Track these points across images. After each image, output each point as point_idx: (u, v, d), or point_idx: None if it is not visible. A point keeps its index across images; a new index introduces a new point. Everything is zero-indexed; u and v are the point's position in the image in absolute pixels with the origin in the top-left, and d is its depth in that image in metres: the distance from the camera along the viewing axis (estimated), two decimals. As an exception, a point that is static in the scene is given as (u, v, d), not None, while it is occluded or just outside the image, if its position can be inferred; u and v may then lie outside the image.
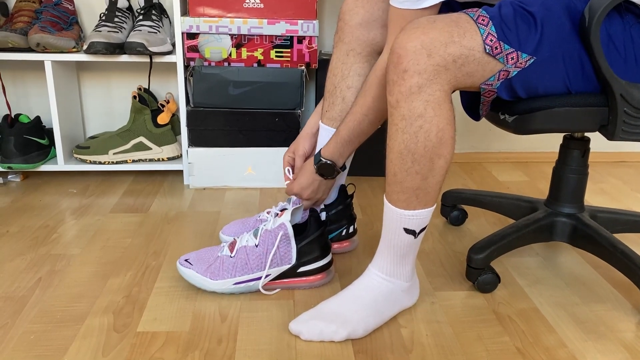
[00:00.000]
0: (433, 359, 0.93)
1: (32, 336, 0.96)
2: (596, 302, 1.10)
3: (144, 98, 1.66)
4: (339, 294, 1.02)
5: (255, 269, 1.08)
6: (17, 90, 1.79)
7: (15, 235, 1.34)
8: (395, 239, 0.98)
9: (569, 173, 1.18)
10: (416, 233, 0.97)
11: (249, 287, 1.09)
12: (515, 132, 1.03)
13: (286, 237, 1.08)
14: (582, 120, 0.99)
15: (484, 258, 1.11)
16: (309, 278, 1.12)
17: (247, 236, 1.11)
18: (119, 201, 1.55)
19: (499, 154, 1.98)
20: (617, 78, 0.94)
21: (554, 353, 0.95)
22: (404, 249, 0.99)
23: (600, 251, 1.13)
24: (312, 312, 1.00)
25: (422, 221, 0.96)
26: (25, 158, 1.60)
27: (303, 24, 1.57)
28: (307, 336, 0.96)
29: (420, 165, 0.90)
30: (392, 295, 1.01)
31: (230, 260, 1.09)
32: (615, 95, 0.95)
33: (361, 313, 0.98)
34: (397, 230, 0.97)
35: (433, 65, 0.85)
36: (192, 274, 1.09)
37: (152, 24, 1.59)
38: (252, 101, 1.61)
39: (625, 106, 0.96)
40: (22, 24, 1.56)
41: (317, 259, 1.11)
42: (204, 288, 1.09)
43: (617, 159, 2.02)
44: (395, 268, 1.01)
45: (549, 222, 1.20)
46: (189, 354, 0.93)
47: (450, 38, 0.86)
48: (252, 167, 1.65)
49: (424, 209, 0.95)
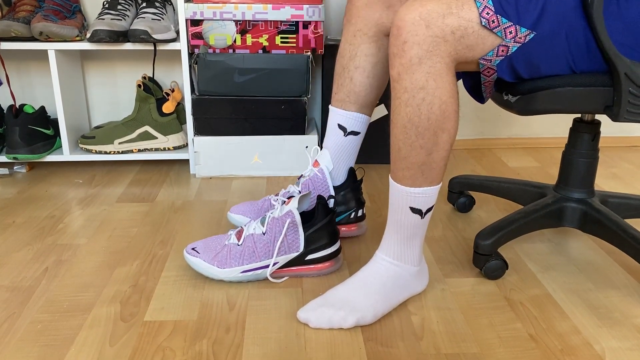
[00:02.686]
0: (444, 346, 0.92)
1: (39, 326, 0.96)
2: (610, 287, 1.08)
3: (148, 87, 1.65)
4: (347, 281, 1.01)
5: (263, 257, 1.07)
6: (21, 81, 1.78)
7: (22, 225, 1.33)
8: (401, 220, 0.97)
9: (579, 157, 1.16)
10: (422, 213, 0.96)
11: (257, 275, 1.08)
12: (519, 113, 1.02)
13: (294, 225, 1.06)
14: (586, 100, 0.97)
15: (491, 244, 1.09)
16: (317, 266, 1.11)
17: (255, 224, 1.09)
18: (125, 191, 1.54)
19: (509, 139, 1.96)
20: (621, 56, 0.92)
21: (568, 339, 0.93)
22: (411, 230, 0.97)
23: (611, 236, 1.11)
24: (320, 300, 0.99)
25: (428, 200, 0.95)
26: (30, 148, 1.59)
27: (308, 9, 1.54)
28: (316, 324, 0.95)
29: (424, 139, 0.89)
30: (401, 280, 1.00)
31: (237, 248, 1.08)
32: (620, 75, 0.93)
33: (370, 299, 0.97)
34: (403, 210, 0.96)
35: (431, 37, 0.85)
36: (199, 262, 1.08)
37: (156, 11, 1.57)
38: (258, 88, 1.59)
39: (630, 86, 0.94)
40: (25, 12, 1.55)
41: (325, 247, 1.10)
42: (211, 276, 1.08)
43: (629, 144, 1.99)
44: (403, 251, 0.99)
45: (559, 208, 1.18)
46: (196, 342, 0.92)
47: (448, 9, 0.86)
48: (258, 156, 1.64)
49: (430, 186, 0.93)
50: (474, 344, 0.92)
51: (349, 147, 1.20)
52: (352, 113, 1.17)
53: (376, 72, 1.13)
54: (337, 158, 1.21)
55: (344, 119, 1.17)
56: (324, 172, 1.21)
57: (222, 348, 0.91)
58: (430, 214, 0.97)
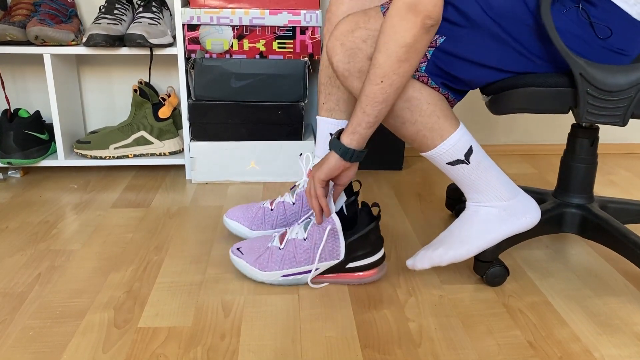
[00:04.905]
0: (442, 353, 0.90)
1: (31, 332, 0.94)
2: (609, 294, 1.08)
3: (144, 92, 1.64)
4: (445, 230, 1.09)
5: (303, 263, 1.06)
6: (16, 85, 1.77)
7: (15, 231, 1.32)
8: (454, 174, 1.02)
9: (578, 162, 1.15)
10: (464, 161, 0.99)
11: (297, 280, 1.08)
12: (493, 113, 1.07)
13: (334, 232, 1.04)
14: (550, 100, 1.00)
15: (492, 251, 1.08)
16: (359, 274, 1.09)
17: (297, 228, 1.09)
18: (120, 196, 1.53)
19: (506, 146, 1.95)
20: (573, 57, 0.93)
21: (567, 347, 0.92)
22: (470, 177, 1.02)
23: (611, 242, 1.10)
24: (424, 247, 1.08)
25: (455, 150, 0.99)
26: (25, 153, 1.58)
27: (306, 14, 1.54)
28: (420, 265, 1.05)
29: (398, 118, 0.99)
30: (490, 216, 1.04)
31: (279, 252, 1.07)
32: (575, 75, 0.94)
33: (463, 236, 1.04)
34: (445, 168, 1.02)
35: (347, 51, 0.96)
36: (243, 263, 1.09)
37: (153, 15, 1.56)
38: (255, 94, 1.58)
39: (588, 87, 0.95)
40: (21, 16, 1.54)
41: (368, 255, 1.08)
42: (253, 278, 1.09)
43: (626, 151, 1.99)
44: (480, 193, 1.03)
45: (558, 213, 1.17)
46: (191, 349, 0.90)
47: (355, 25, 0.96)
48: (255, 161, 1.63)
49: (443, 141, 0.98)
50: (473, 351, 0.91)
51: None
52: (343, 121, 1.17)
53: None
54: None
55: (336, 127, 1.18)
56: None
57: (217, 355, 0.89)
58: (478, 156, 1.00)
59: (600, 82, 0.94)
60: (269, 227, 1.23)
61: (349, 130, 0.96)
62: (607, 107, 0.96)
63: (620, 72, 0.94)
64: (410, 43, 0.87)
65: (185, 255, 1.21)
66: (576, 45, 0.94)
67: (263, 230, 1.23)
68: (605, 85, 0.94)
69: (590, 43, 0.94)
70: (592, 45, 0.95)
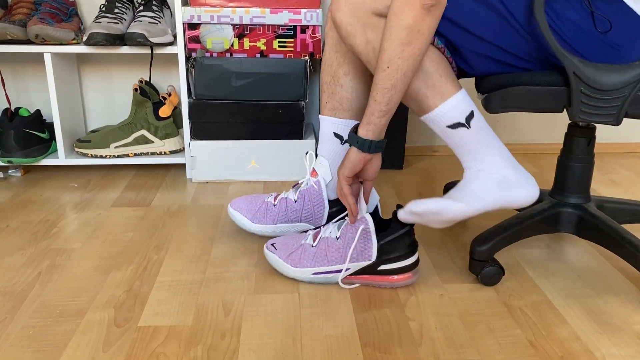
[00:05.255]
0: (443, 352, 0.90)
1: (31, 331, 0.94)
2: (610, 293, 1.07)
3: (145, 91, 1.64)
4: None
5: (334, 262, 1.06)
6: (16, 84, 1.77)
7: (15, 229, 1.31)
8: (453, 140, 1.00)
9: (575, 162, 1.14)
10: (464, 124, 0.98)
11: (328, 279, 1.07)
12: (488, 111, 1.06)
13: (366, 232, 1.04)
14: (543, 99, 0.99)
15: (488, 250, 1.08)
16: (391, 277, 1.07)
17: (331, 227, 1.08)
18: (120, 195, 1.53)
19: (508, 145, 1.94)
20: (567, 55, 0.93)
21: (568, 346, 0.92)
22: (469, 144, 1.00)
23: (608, 242, 1.09)
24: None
25: (456, 112, 0.97)
26: (25, 152, 1.58)
27: (306, 13, 1.54)
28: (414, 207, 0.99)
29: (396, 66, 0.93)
30: (488, 181, 1.01)
31: (311, 249, 1.07)
32: (569, 74, 0.94)
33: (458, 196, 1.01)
34: (445, 132, 1.00)
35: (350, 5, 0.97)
36: (275, 259, 1.09)
37: (153, 14, 1.56)
38: (255, 93, 1.58)
39: (581, 85, 0.95)
40: (21, 15, 1.54)
41: (401, 259, 1.06)
42: (284, 274, 1.09)
43: (627, 150, 1.98)
44: (477, 162, 1.02)
45: (554, 213, 1.16)
46: (191, 348, 0.90)
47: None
48: (255, 160, 1.63)
49: (444, 101, 0.96)
50: (473, 350, 0.91)
51: None
52: (346, 120, 1.16)
53: (366, 77, 1.12)
54: (335, 168, 1.19)
55: (340, 127, 1.17)
56: (321, 184, 1.19)
57: (218, 354, 0.89)
58: (479, 122, 0.99)
59: (593, 81, 0.94)
60: (270, 222, 1.23)
61: (364, 122, 0.97)
62: (601, 106, 0.96)
63: (614, 71, 0.94)
64: (412, 24, 0.87)
65: (185, 254, 1.21)
66: (572, 33, 0.94)
67: (264, 224, 1.23)
68: (599, 84, 0.94)
69: (587, 33, 0.94)
70: (589, 36, 0.94)
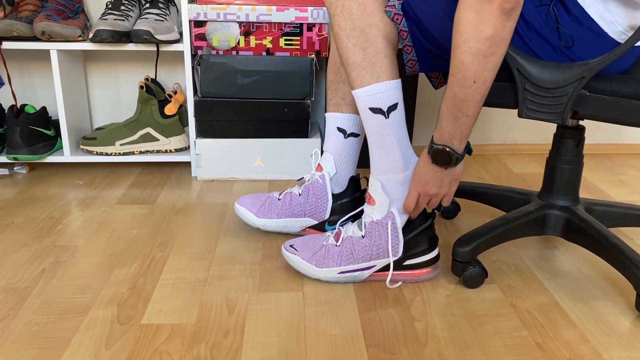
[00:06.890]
0: (448, 353, 0.89)
1: (34, 328, 0.94)
2: (618, 295, 1.06)
3: (151, 88, 1.63)
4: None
5: (361, 260, 1.05)
6: (22, 81, 1.77)
7: (20, 226, 1.31)
8: (370, 126, 1.00)
9: (563, 164, 1.12)
10: (384, 112, 0.97)
11: (354, 277, 1.07)
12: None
13: (394, 228, 1.03)
14: (496, 95, 0.98)
15: (470, 251, 1.06)
16: (414, 272, 1.08)
17: (352, 227, 1.08)
18: (125, 193, 1.52)
19: (515, 145, 1.94)
20: (510, 52, 0.91)
21: (576, 348, 0.91)
22: (380, 133, 0.99)
23: (594, 245, 1.07)
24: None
25: (383, 97, 0.97)
26: (31, 149, 1.58)
27: (313, 11, 1.53)
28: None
29: (355, 38, 0.96)
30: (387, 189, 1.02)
31: (335, 249, 1.06)
32: (513, 71, 0.93)
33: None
34: (366, 114, 0.99)
35: None
36: (298, 260, 1.08)
37: (159, 12, 1.56)
38: (261, 91, 1.57)
39: (526, 83, 0.93)
40: (28, 12, 1.54)
41: (424, 253, 1.07)
42: (308, 275, 1.08)
43: (637, 151, 1.97)
44: (383, 161, 1.01)
45: (541, 215, 1.13)
46: (194, 346, 0.89)
47: None
48: (261, 159, 1.62)
49: (377, 82, 0.96)
50: (479, 351, 0.90)
51: (351, 150, 1.19)
52: (349, 115, 1.16)
53: None
54: (339, 162, 1.19)
55: (343, 121, 1.17)
56: (325, 177, 1.19)
57: (221, 352, 0.88)
58: (398, 116, 0.98)
59: (536, 78, 0.92)
60: (274, 216, 1.22)
61: (457, 139, 0.93)
62: (545, 103, 0.94)
63: (557, 68, 0.92)
64: (493, 34, 0.80)
65: (189, 252, 1.20)
66: (535, 40, 0.92)
67: (268, 218, 1.22)
68: (542, 82, 0.92)
69: (552, 44, 0.92)
70: (552, 45, 0.92)
